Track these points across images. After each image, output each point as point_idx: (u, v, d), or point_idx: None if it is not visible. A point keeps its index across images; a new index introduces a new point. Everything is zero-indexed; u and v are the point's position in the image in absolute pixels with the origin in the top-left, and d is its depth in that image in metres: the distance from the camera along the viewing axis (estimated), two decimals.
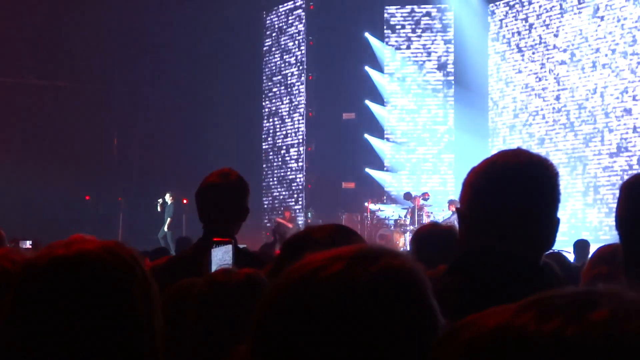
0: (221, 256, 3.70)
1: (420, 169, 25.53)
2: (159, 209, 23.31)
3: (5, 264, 2.22)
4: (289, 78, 27.20)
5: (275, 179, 26.58)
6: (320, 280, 1.25)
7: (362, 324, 1.22)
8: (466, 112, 24.73)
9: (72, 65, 23.98)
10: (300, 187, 27.24)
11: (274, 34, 26.88)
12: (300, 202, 26.62)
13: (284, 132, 26.99)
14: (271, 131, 27.13)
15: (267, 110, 26.60)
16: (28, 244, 11.20)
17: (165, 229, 22.77)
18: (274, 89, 26.77)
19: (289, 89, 27.12)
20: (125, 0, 24.05)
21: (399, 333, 1.26)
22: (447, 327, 1.28)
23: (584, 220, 21.59)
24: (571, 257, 10.33)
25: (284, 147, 27.02)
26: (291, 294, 1.27)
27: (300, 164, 27.30)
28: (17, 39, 22.71)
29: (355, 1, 26.45)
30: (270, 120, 27.08)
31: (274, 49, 26.95)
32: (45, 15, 22.88)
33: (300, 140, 27.30)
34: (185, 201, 22.74)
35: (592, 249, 10.11)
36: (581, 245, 10.59)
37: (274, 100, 26.62)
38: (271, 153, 27.08)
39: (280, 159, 26.93)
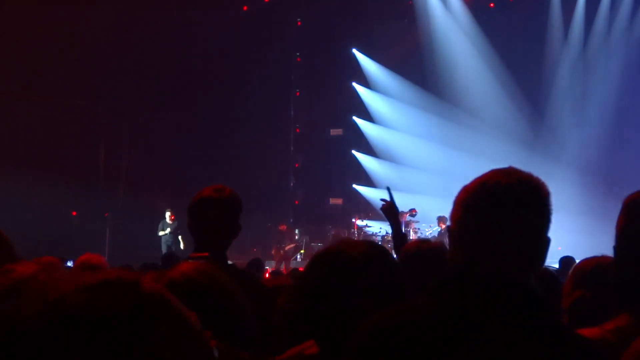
0: None
1: (408, 185, 25.48)
2: (161, 234, 22.95)
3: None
4: (276, 94, 27.18)
5: (263, 195, 26.43)
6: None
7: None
8: (453, 128, 24.79)
9: (59, 80, 23.89)
10: (288, 203, 27.23)
11: (261, 50, 26.78)
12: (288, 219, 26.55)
13: (271, 148, 26.87)
14: (258, 147, 27.03)
15: (254, 125, 26.45)
16: None
17: (181, 247, 22.27)
18: (261, 105, 26.64)
19: (276, 105, 27.09)
20: (113, 15, 24.00)
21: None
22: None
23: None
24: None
25: (271, 163, 26.92)
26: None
27: (287, 180, 27.30)
28: (3, 53, 22.61)
29: (343, 18, 26.50)
30: (257, 135, 27.03)
31: (261, 64, 26.85)
32: (33, 29, 22.81)
33: (287, 157, 27.30)
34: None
35: None
36: (567, 262, 10.52)
37: (260, 116, 26.48)
38: (258, 168, 26.96)
39: (267, 175, 26.81)
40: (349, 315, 2.54)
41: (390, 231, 21.31)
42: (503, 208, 2.35)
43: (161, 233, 22.93)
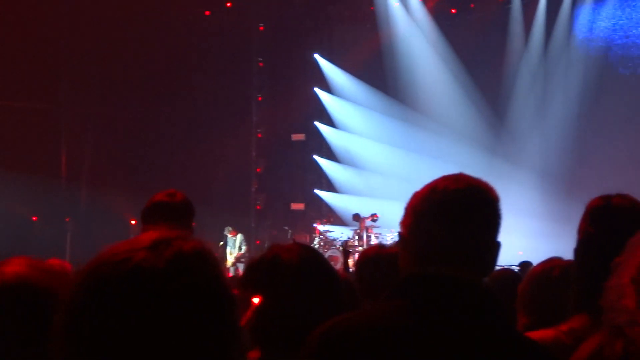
0: None
1: (370, 190, 25.49)
2: None
3: None
4: (238, 99, 27.08)
5: (224, 200, 26.24)
6: (126, 270, 1.43)
7: (164, 305, 1.41)
8: (415, 133, 24.85)
9: (19, 84, 23.64)
10: (250, 208, 27.14)
11: (223, 55, 26.63)
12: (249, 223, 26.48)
13: (233, 153, 26.71)
14: (219, 151, 26.82)
15: (216, 130, 26.27)
16: None
17: None
18: (222, 110, 26.48)
19: (238, 110, 26.99)
20: (75, 19, 23.82)
21: (195, 308, 1.45)
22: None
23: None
24: None
25: (233, 168, 26.78)
26: (99, 285, 1.43)
27: (249, 185, 27.21)
28: None
29: (305, 22, 26.52)
30: (219, 140, 26.82)
31: (223, 69, 26.69)
32: None
33: (249, 161, 27.22)
34: (133, 222, 22.50)
35: None
36: (526, 267, 10.57)
37: (222, 121, 26.29)
38: (220, 173, 26.78)
39: (228, 180, 26.65)
40: (286, 320, 2.56)
41: (350, 236, 21.17)
42: (452, 213, 2.37)
43: None
